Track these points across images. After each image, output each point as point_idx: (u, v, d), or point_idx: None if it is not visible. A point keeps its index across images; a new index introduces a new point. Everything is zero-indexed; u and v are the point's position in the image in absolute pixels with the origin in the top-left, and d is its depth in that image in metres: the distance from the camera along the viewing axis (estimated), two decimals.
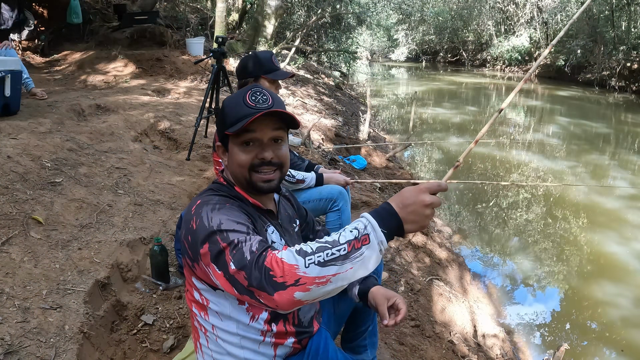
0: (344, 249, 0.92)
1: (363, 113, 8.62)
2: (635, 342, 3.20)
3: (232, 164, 1.16)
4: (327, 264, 0.91)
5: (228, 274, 0.97)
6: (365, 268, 0.93)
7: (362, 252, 0.92)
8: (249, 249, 0.96)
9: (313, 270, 0.90)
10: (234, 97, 1.17)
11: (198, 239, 1.02)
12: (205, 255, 1.01)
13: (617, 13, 16.66)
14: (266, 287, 0.92)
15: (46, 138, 3.10)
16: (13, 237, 2.03)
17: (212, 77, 3.79)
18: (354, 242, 0.92)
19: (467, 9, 24.16)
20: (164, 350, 1.85)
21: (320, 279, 0.90)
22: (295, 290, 0.91)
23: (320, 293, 0.92)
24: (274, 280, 0.91)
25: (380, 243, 0.93)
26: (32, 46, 7.41)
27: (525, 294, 3.75)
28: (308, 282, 0.90)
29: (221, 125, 1.18)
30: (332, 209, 2.52)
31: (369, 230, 0.93)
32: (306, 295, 0.91)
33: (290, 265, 0.91)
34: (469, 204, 5.57)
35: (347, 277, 0.92)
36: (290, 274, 0.90)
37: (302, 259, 0.91)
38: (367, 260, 0.93)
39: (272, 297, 0.91)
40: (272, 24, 9.32)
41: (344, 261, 0.91)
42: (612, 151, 8.46)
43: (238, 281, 0.96)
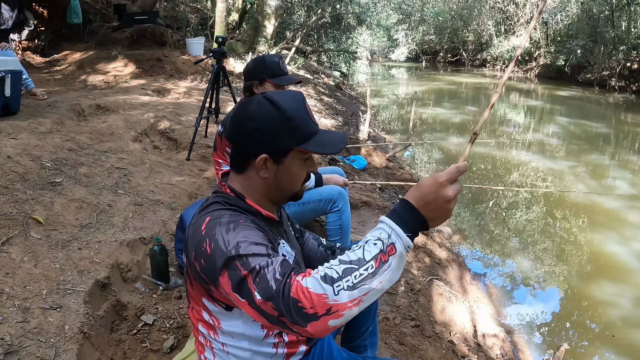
0: (371, 267, 0.87)
1: (363, 113, 8.62)
2: (635, 342, 3.20)
3: (287, 179, 1.08)
4: (357, 286, 0.86)
5: (254, 303, 0.91)
6: (396, 275, 0.89)
7: (390, 264, 0.88)
8: (272, 276, 0.90)
9: (343, 296, 0.86)
10: (296, 108, 1.06)
11: (215, 265, 0.95)
12: (226, 284, 0.94)
13: (617, 13, 16.66)
14: (298, 320, 0.87)
15: (46, 138, 3.10)
16: (13, 237, 2.03)
17: (212, 77, 3.79)
18: (380, 255, 0.87)
19: (467, 9, 24.16)
20: (164, 350, 1.85)
21: (352, 302, 0.86)
22: (329, 319, 0.86)
23: (353, 313, 0.88)
24: (305, 312, 0.86)
25: (407, 247, 0.89)
26: (32, 46, 7.41)
27: (525, 294, 3.75)
28: (340, 309, 0.86)
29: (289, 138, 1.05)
30: (332, 209, 2.52)
31: (393, 238, 0.88)
32: (340, 320, 0.88)
33: (318, 295, 0.86)
34: (469, 204, 5.57)
35: (378, 290, 0.88)
36: (320, 304, 0.86)
37: (330, 287, 0.86)
38: (395, 269, 0.89)
39: (306, 328, 0.87)
40: (272, 24, 9.32)
41: (373, 277, 0.87)
42: (612, 151, 8.46)
43: (266, 312, 0.90)
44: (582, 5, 18.10)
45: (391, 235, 0.88)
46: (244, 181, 1.09)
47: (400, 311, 2.54)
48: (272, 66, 2.12)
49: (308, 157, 1.10)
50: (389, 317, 2.46)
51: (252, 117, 1.05)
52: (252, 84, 2.16)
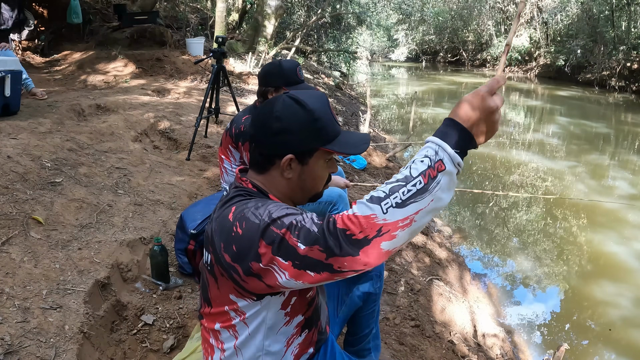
0: (419, 182, 0.83)
1: (363, 113, 8.62)
2: (635, 342, 3.20)
3: (310, 179, 1.08)
4: (406, 203, 0.82)
5: (299, 257, 0.87)
6: (447, 194, 0.85)
7: (439, 180, 0.83)
8: (311, 223, 0.88)
9: (393, 214, 0.82)
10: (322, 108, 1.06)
11: (250, 241, 0.92)
12: (265, 254, 0.90)
13: (617, 13, 16.66)
14: (349, 250, 0.83)
15: (46, 138, 3.10)
16: (13, 237, 2.03)
17: (212, 77, 3.80)
18: (429, 171, 0.83)
19: (467, 9, 24.16)
20: (164, 350, 1.84)
21: (404, 221, 0.82)
22: (381, 240, 0.83)
23: (407, 236, 0.84)
24: (354, 239, 0.83)
25: (458, 165, 0.85)
26: (32, 46, 7.41)
27: (525, 294, 3.75)
28: (392, 229, 0.82)
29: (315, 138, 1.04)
30: (331, 212, 2.52)
31: (441, 155, 0.84)
32: (394, 243, 0.84)
33: (366, 217, 0.83)
34: (469, 204, 5.57)
35: (430, 210, 0.84)
36: (369, 226, 0.82)
37: (378, 206, 0.83)
38: (446, 187, 0.85)
39: (358, 257, 0.83)
40: (272, 24, 9.32)
41: (423, 194, 0.83)
42: (612, 151, 8.46)
43: (313, 259, 0.86)
44: (582, 5, 18.10)
45: (438, 151, 0.85)
46: (265, 181, 1.08)
47: (400, 311, 2.54)
48: (289, 73, 2.06)
49: (330, 158, 1.10)
50: (389, 317, 2.46)
51: (278, 117, 1.03)
52: (267, 91, 2.10)
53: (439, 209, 0.86)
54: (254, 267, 0.92)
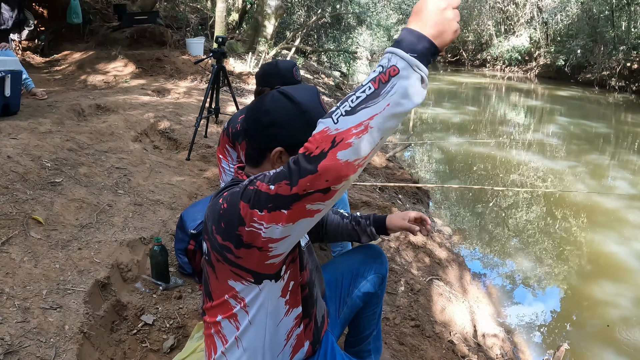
0: (369, 88, 0.81)
1: None
2: (635, 342, 3.20)
3: None
4: (357, 109, 0.80)
5: (270, 199, 0.88)
6: (407, 99, 0.81)
7: (394, 84, 0.80)
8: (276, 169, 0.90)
9: (344, 122, 0.80)
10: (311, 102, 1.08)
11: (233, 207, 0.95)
12: (245, 213, 0.92)
13: (617, 13, 16.67)
14: (308, 168, 0.82)
15: (46, 138, 3.10)
16: (13, 237, 2.03)
17: (212, 77, 3.80)
18: (380, 76, 0.81)
19: (467, 9, 24.15)
20: (164, 350, 1.85)
21: (357, 128, 0.80)
22: (336, 151, 0.80)
23: (366, 145, 0.81)
24: (312, 156, 0.82)
25: (418, 69, 0.81)
26: (32, 46, 7.41)
27: (525, 294, 3.75)
28: (345, 137, 0.80)
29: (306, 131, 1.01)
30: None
31: (393, 61, 0.81)
32: (351, 152, 0.81)
33: (320, 131, 0.82)
34: (469, 204, 5.57)
35: (388, 115, 0.81)
36: (324, 139, 0.81)
37: (329, 118, 0.82)
38: (404, 91, 0.80)
39: (317, 173, 0.81)
40: (272, 24, 9.32)
41: (376, 99, 0.80)
42: (612, 151, 8.46)
43: (282, 195, 0.86)
44: (582, 5, 18.10)
45: (391, 58, 0.82)
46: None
47: (400, 311, 2.54)
48: (285, 73, 2.07)
49: None
50: (389, 317, 2.46)
51: (267, 110, 1.06)
52: (263, 90, 2.11)
53: (400, 114, 0.82)
54: (242, 234, 0.94)
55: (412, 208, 4.57)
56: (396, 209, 3.73)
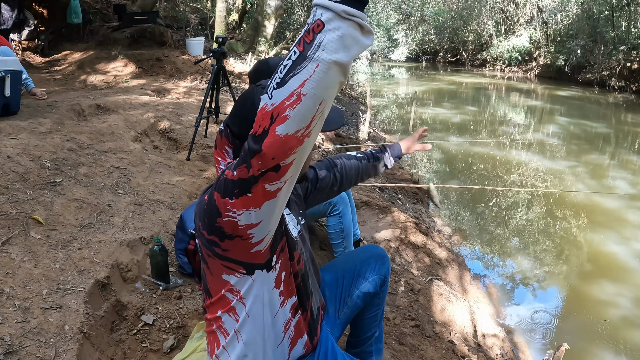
0: (294, 53, 0.75)
1: (363, 113, 8.62)
2: (635, 342, 3.20)
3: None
4: (286, 79, 0.75)
5: (236, 184, 0.88)
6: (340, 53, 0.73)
7: (320, 41, 0.72)
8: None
9: (277, 95, 0.76)
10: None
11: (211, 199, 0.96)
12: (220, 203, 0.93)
13: (617, 13, 16.67)
14: (254, 148, 0.81)
15: (46, 138, 3.10)
16: (13, 237, 2.03)
17: (212, 77, 3.79)
18: (304, 37, 0.74)
19: (467, 9, 24.16)
20: (164, 350, 1.84)
21: (289, 99, 0.75)
22: (275, 126, 0.77)
23: (305, 114, 0.76)
24: (257, 135, 0.80)
25: (344, 13, 0.71)
26: (32, 46, 7.41)
27: (525, 294, 3.75)
28: (280, 111, 0.76)
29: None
30: (332, 213, 2.52)
31: (318, 14, 0.72)
32: (288, 125, 0.77)
33: (261, 109, 0.80)
34: (469, 204, 5.57)
35: (321, 77, 0.73)
36: (263, 117, 0.79)
37: (265, 95, 0.79)
38: (335, 45, 0.72)
39: (262, 151, 0.80)
40: (272, 24, 9.32)
41: (303, 63, 0.73)
42: (612, 151, 8.46)
43: (243, 179, 0.86)
44: (582, 5, 18.11)
45: (315, 12, 0.73)
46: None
47: (400, 311, 2.54)
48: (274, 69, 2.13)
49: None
50: (389, 317, 2.46)
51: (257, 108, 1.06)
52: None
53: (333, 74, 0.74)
54: (222, 226, 0.94)
55: (412, 208, 4.57)
56: (396, 209, 3.73)
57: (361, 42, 0.74)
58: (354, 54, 0.75)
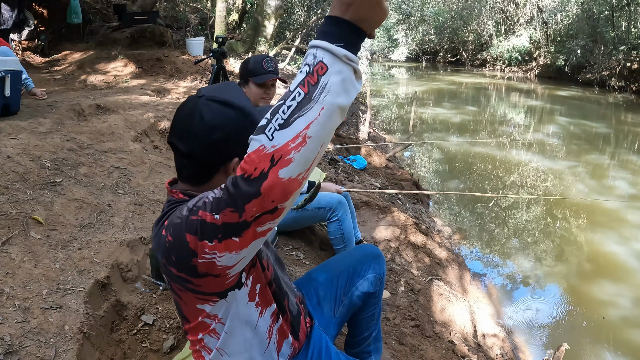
0: (299, 94, 0.74)
1: (363, 113, 8.62)
2: (635, 342, 3.20)
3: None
4: (291, 120, 0.73)
5: (219, 229, 0.82)
6: (342, 97, 0.75)
7: (324, 84, 0.73)
8: (218, 190, 0.84)
9: (280, 137, 0.73)
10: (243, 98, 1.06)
11: (180, 240, 0.89)
12: (195, 245, 0.87)
13: (617, 13, 16.67)
14: (250, 191, 0.76)
15: (46, 138, 3.10)
16: (13, 237, 2.03)
17: (212, 77, 3.79)
18: (308, 78, 0.74)
19: (467, 9, 24.17)
20: (164, 350, 1.85)
21: (294, 141, 0.73)
22: (277, 169, 0.74)
23: (309, 156, 0.75)
24: (252, 178, 0.75)
25: (348, 60, 0.74)
26: (32, 46, 7.41)
27: (525, 294, 3.75)
28: (284, 153, 0.73)
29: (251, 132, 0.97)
30: (331, 219, 2.52)
31: (319, 56, 0.74)
32: (293, 168, 0.75)
33: (256, 150, 0.75)
34: (469, 204, 5.57)
35: (325, 120, 0.74)
36: (261, 159, 0.74)
37: (263, 135, 0.75)
38: (338, 88, 0.74)
39: (261, 195, 0.75)
40: (272, 24, 9.32)
41: (308, 105, 0.73)
42: (612, 151, 8.46)
43: (230, 223, 0.81)
44: (582, 5, 18.11)
45: (317, 53, 0.74)
46: (206, 189, 1.02)
47: (400, 311, 2.54)
48: (255, 66, 2.18)
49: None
50: (389, 317, 2.46)
51: (214, 126, 0.98)
52: (240, 84, 2.25)
53: (337, 116, 0.75)
54: (197, 265, 0.89)
55: (412, 208, 4.57)
56: (396, 209, 3.73)
57: (356, 86, 0.77)
58: (352, 97, 0.76)
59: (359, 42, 0.76)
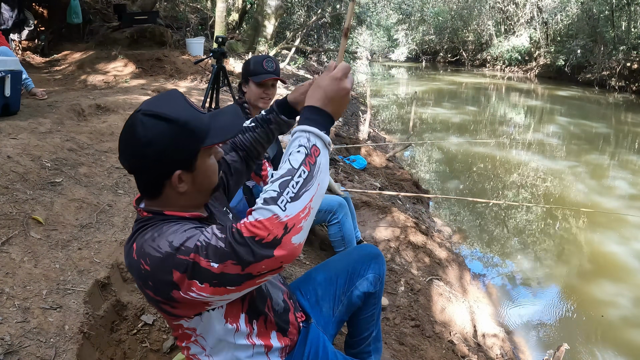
0: (304, 172, 0.89)
1: (363, 113, 8.62)
2: (635, 342, 3.20)
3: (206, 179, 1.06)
4: (300, 194, 0.88)
5: (215, 276, 0.87)
6: (325, 174, 0.93)
7: (320, 163, 0.92)
8: (215, 239, 0.88)
9: (292, 208, 0.86)
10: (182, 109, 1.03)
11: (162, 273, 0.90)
12: (182, 282, 0.89)
13: (617, 13, 16.67)
14: (264, 253, 0.85)
15: (46, 138, 3.10)
16: (13, 237, 2.03)
17: (212, 77, 3.79)
18: (308, 159, 0.91)
19: (467, 9, 24.17)
20: (164, 350, 1.85)
21: (304, 212, 0.87)
22: (291, 236, 0.86)
23: (309, 224, 0.90)
24: (265, 242, 0.84)
25: (328, 145, 0.95)
26: (32, 46, 7.41)
27: (525, 294, 3.75)
28: (296, 222, 0.86)
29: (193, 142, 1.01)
30: (331, 221, 2.52)
31: (313, 140, 0.93)
32: (302, 235, 0.88)
33: (269, 219, 0.85)
34: (469, 204, 5.57)
35: (320, 194, 0.91)
36: (275, 227, 0.85)
37: (276, 206, 0.86)
38: (325, 167, 0.93)
39: (274, 257, 0.85)
40: (272, 24, 9.32)
41: (312, 181, 0.89)
42: (612, 151, 8.46)
43: (230, 274, 0.86)
44: (582, 5, 18.11)
45: (310, 138, 0.93)
46: (161, 202, 1.05)
47: (400, 311, 2.54)
48: (255, 65, 2.20)
49: (214, 148, 1.07)
50: (389, 317, 2.46)
51: (148, 141, 0.97)
52: (241, 84, 2.28)
53: (324, 191, 0.92)
54: (176, 296, 0.92)
55: (412, 208, 4.57)
56: (396, 209, 3.73)
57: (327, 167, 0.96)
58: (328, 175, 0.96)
59: (329, 130, 0.98)
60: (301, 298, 1.45)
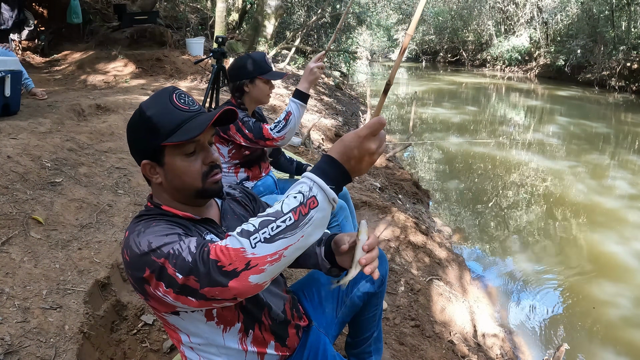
0: (289, 219, 0.84)
1: (363, 113, 8.62)
2: (635, 342, 3.20)
3: (176, 178, 1.05)
4: (275, 238, 0.84)
5: (178, 285, 0.89)
6: (320, 230, 0.87)
7: (312, 217, 0.85)
8: (187, 252, 0.90)
9: (261, 249, 0.84)
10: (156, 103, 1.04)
11: (137, 267, 0.94)
12: (151, 279, 0.92)
13: (617, 13, 16.67)
14: (219, 280, 0.85)
15: (46, 138, 3.10)
16: (13, 237, 2.03)
17: (212, 77, 3.80)
18: (300, 208, 0.84)
19: (467, 9, 24.17)
20: (164, 350, 1.85)
21: (272, 256, 0.84)
22: (249, 274, 0.84)
23: (276, 270, 0.86)
24: (224, 270, 0.85)
25: (332, 201, 0.87)
26: (32, 46, 7.41)
27: (525, 294, 3.75)
28: (260, 263, 0.84)
29: (152, 137, 1.02)
30: (331, 224, 2.51)
31: (314, 191, 0.85)
32: (262, 277, 0.85)
33: (235, 249, 0.84)
34: (469, 204, 5.57)
35: (301, 246, 0.86)
36: (238, 259, 0.84)
37: (247, 240, 0.84)
38: (319, 222, 0.86)
39: (227, 287, 0.85)
40: (272, 24, 9.33)
41: (294, 231, 0.84)
42: (612, 151, 8.46)
43: (191, 287, 0.89)
44: (582, 5, 18.11)
45: (313, 188, 0.85)
46: (153, 191, 1.11)
47: (400, 311, 2.54)
48: (260, 62, 2.13)
49: (193, 150, 1.04)
50: (389, 317, 2.46)
51: (127, 131, 1.09)
52: (243, 83, 2.13)
53: (309, 244, 0.87)
54: (148, 291, 0.95)
55: (412, 208, 4.57)
56: (396, 209, 3.73)
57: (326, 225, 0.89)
58: (324, 231, 0.89)
59: (344, 186, 0.89)
60: (304, 299, 1.44)
